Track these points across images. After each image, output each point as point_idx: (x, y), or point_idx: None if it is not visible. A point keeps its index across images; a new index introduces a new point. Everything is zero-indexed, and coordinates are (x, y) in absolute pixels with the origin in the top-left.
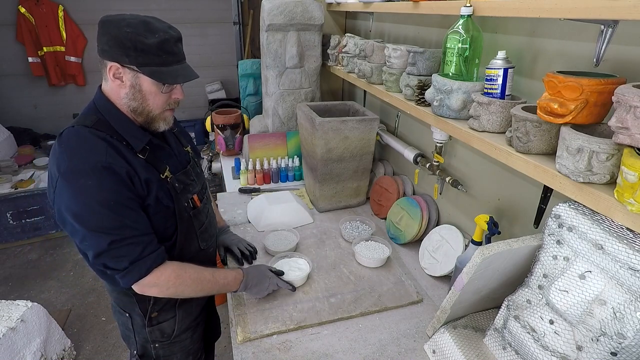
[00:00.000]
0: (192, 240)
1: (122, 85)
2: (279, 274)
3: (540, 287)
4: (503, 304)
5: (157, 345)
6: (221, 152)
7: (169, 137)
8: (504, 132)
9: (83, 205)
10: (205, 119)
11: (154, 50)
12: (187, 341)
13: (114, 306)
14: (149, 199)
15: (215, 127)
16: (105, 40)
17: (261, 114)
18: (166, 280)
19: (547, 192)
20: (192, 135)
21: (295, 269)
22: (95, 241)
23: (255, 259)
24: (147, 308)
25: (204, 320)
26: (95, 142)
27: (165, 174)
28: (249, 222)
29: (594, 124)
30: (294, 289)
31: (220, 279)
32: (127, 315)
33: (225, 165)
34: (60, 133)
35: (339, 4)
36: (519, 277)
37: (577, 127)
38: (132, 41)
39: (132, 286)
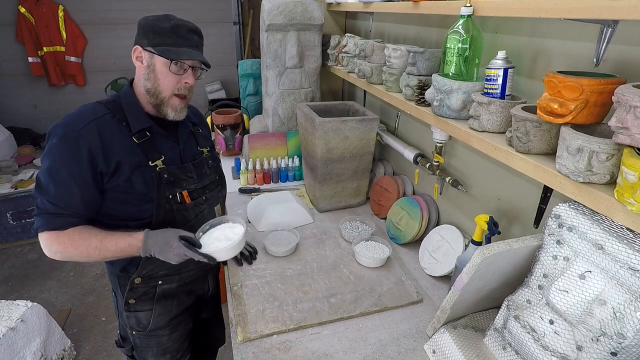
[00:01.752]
0: None
1: (141, 67)
2: (194, 244)
3: (540, 287)
4: (503, 304)
5: (134, 333)
6: (221, 152)
7: (183, 133)
8: (504, 132)
9: (44, 156)
10: (205, 119)
11: (166, 32)
12: (164, 338)
13: (110, 285)
14: (117, 179)
15: (215, 127)
16: (136, 32)
17: (261, 114)
18: (50, 245)
19: (547, 192)
20: None
21: (223, 238)
22: (36, 181)
23: (255, 259)
24: (124, 292)
25: (187, 322)
26: (86, 115)
27: (156, 162)
28: (249, 222)
29: (594, 124)
30: (212, 261)
31: (110, 245)
32: (113, 293)
33: (225, 165)
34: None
35: (339, 4)
36: (519, 277)
37: (577, 127)
38: (152, 26)
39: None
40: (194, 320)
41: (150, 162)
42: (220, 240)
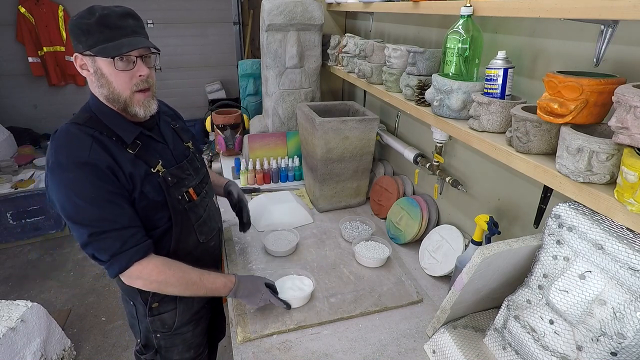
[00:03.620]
0: (189, 233)
1: (90, 75)
2: (275, 291)
3: (540, 287)
4: (503, 304)
5: (158, 335)
6: (221, 152)
7: (166, 132)
8: (504, 132)
9: (65, 198)
10: (205, 119)
11: (95, 27)
12: (188, 334)
13: (121, 294)
14: (134, 192)
15: (215, 127)
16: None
17: (261, 114)
18: (148, 274)
19: (547, 192)
20: None
21: (296, 288)
22: (78, 232)
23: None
24: (147, 298)
25: (207, 315)
26: (82, 138)
27: (157, 168)
28: None
29: (594, 124)
30: (288, 307)
31: (208, 283)
32: (131, 303)
33: (225, 165)
34: (55, 130)
35: (339, 4)
36: (519, 277)
37: (577, 127)
38: (78, 26)
39: (120, 277)
40: None
41: (152, 169)
42: (293, 290)
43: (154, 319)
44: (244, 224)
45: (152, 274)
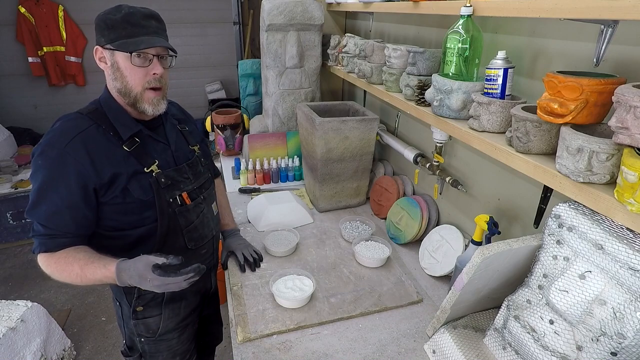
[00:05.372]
0: (176, 237)
1: (107, 67)
2: (173, 266)
3: (540, 287)
4: (503, 304)
5: (142, 339)
6: (221, 152)
7: (171, 133)
8: (504, 132)
9: (30, 175)
10: (205, 119)
11: (119, 23)
12: (174, 341)
13: (112, 294)
14: (114, 191)
15: (215, 127)
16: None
17: (261, 114)
18: (43, 266)
19: (547, 192)
20: None
21: (296, 288)
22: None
23: (259, 266)
24: (132, 300)
25: (195, 322)
26: (71, 129)
27: (152, 168)
28: (249, 222)
29: (594, 124)
30: (196, 273)
31: (89, 274)
32: (118, 303)
33: (225, 165)
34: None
35: (339, 4)
36: (519, 277)
37: (577, 127)
38: (104, 21)
39: None
40: None
41: (145, 169)
42: (294, 290)
43: (138, 322)
44: (242, 265)
45: (45, 267)
